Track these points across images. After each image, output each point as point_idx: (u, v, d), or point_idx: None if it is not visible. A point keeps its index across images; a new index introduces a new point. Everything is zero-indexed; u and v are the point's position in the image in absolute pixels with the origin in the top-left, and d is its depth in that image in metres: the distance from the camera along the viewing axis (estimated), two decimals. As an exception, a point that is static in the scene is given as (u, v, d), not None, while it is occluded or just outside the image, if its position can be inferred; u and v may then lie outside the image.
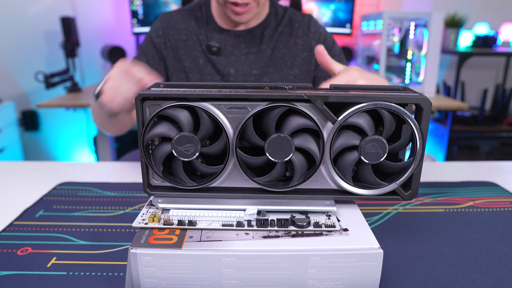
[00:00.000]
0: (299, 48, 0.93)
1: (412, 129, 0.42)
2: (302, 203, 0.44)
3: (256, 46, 0.92)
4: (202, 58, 0.91)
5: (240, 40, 0.92)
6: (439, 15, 1.82)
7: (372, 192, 0.45)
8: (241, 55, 0.92)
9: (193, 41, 0.92)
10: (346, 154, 0.43)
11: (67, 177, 0.77)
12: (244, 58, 0.92)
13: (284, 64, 0.93)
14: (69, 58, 2.06)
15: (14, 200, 0.67)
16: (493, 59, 2.68)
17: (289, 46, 0.93)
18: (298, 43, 0.93)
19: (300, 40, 0.93)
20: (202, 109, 0.42)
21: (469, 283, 0.44)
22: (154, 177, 0.46)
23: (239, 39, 0.92)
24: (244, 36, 0.92)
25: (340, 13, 2.28)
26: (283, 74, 0.93)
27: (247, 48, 0.92)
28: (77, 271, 0.46)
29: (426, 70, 1.88)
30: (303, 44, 0.93)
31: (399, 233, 0.55)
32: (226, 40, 0.91)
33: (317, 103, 0.41)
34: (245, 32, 0.91)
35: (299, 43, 0.93)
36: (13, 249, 0.51)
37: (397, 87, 0.45)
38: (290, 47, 0.93)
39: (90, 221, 0.59)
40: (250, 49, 0.92)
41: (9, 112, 2.24)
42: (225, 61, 0.91)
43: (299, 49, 0.93)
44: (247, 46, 0.92)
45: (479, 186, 0.72)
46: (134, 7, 2.18)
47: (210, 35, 0.91)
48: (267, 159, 0.42)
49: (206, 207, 0.43)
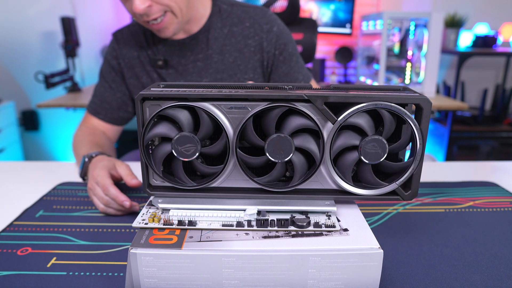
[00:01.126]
0: (251, 50, 0.85)
1: (412, 129, 0.42)
2: (302, 203, 0.44)
3: (203, 52, 0.85)
4: (155, 73, 0.88)
5: (185, 48, 0.85)
6: (439, 15, 1.82)
7: (372, 192, 0.45)
8: (188, 63, 0.86)
9: (144, 56, 0.87)
10: (346, 154, 0.43)
11: (67, 177, 0.77)
12: (192, 67, 0.86)
13: (237, 67, 0.86)
14: (69, 58, 2.06)
15: (14, 200, 0.67)
16: (493, 59, 2.68)
17: (240, 49, 0.85)
18: (250, 45, 0.85)
19: (252, 41, 0.85)
20: (202, 109, 0.42)
21: (469, 283, 0.44)
22: (154, 177, 0.46)
23: (184, 47, 0.85)
24: (188, 43, 0.85)
25: (340, 13, 2.29)
26: (237, 78, 0.86)
27: (193, 56, 0.85)
28: (77, 271, 0.46)
29: (426, 70, 1.88)
30: (255, 45, 0.86)
31: (399, 233, 0.55)
32: (171, 51, 0.86)
33: (317, 103, 0.41)
34: (189, 39, 0.85)
35: (251, 44, 0.85)
36: (13, 249, 0.51)
37: (397, 87, 0.45)
38: (242, 49, 0.85)
39: (90, 221, 0.59)
40: (197, 55, 0.85)
41: (9, 112, 2.24)
42: (174, 73, 0.87)
43: (252, 51, 0.86)
44: (193, 54, 0.85)
45: (479, 186, 0.72)
46: (134, 7, 2.18)
47: (156, 48, 0.87)
48: (267, 159, 0.42)
49: (206, 207, 0.43)
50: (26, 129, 2.50)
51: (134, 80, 0.89)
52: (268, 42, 0.85)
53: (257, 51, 0.86)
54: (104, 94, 0.90)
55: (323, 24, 2.31)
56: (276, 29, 0.86)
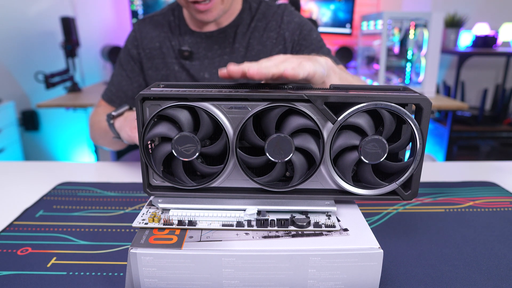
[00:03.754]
0: (273, 42, 0.88)
1: (412, 129, 0.42)
2: (302, 203, 0.44)
3: (230, 46, 0.88)
4: (177, 65, 0.89)
5: (212, 41, 0.88)
6: (439, 15, 1.82)
7: (372, 192, 0.45)
8: (214, 57, 0.88)
9: (167, 47, 0.88)
10: (346, 154, 0.43)
11: (67, 177, 0.77)
12: (218, 61, 0.88)
13: None
14: (69, 58, 2.06)
15: (14, 200, 0.67)
16: (493, 59, 2.68)
17: (263, 42, 0.88)
18: (271, 37, 0.88)
19: (273, 33, 0.88)
20: (202, 109, 0.42)
21: (469, 283, 0.44)
22: (154, 177, 0.46)
23: (211, 40, 0.88)
24: (216, 36, 0.88)
25: (340, 13, 2.29)
26: None
27: (220, 49, 0.88)
28: (77, 271, 0.46)
29: (426, 70, 1.88)
30: (276, 37, 0.88)
31: (399, 233, 0.55)
32: (198, 43, 0.88)
33: (317, 103, 0.41)
34: (217, 32, 0.87)
35: (273, 36, 0.88)
36: (13, 249, 0.51)
37: (397, 87, 0.45)
38: (264, 42, 0.88)
39: (90, 221, 0.59)
40: (224, 49, 0.88)
41: (9, 112, 2.24)
42: (198, 65, 0.88)
43: (273, 42, 0.88)
44: (220, 47, 0.88)
45: (479, 186, 0.72)
46: (134, 7, 2.18)
47: (182, 39, 0.88)
48: (267, 159, 0.42)
49: (206, 207, 0.43)
50: (26, 129, 2.50)
51: (152, 72, 0.90)
52: (290, 32, 0.88)
53: (279, 42, 0.88)
54: (121, 83, 0.91)
55: (323, 24, 2.31)
56: (298, 19, 0.89)
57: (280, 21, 0.89)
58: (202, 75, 0.88)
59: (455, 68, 2.37)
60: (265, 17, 0.90)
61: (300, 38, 0.88)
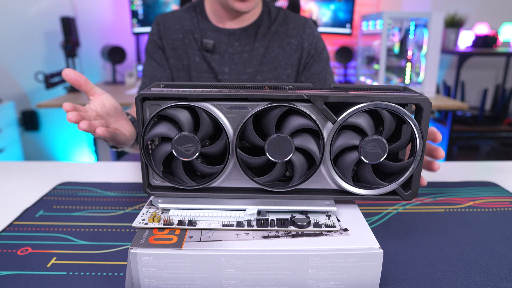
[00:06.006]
0: (293, 48, 0.93)
1: (412, 129, 0.42)
2: (302, 203, 0.44)
3: (250, 44, 0.92)
4: (198, 56, 0.92)
5: (234, 38, 0.92)
6: (439, 15, 1.82)
7: (372, 192, 0.45)
8: (235, 53, 0.92)
9: (189, 39, 0.92)
10: (346, 154, 0.43)
11: (67, 177, 0.77)
12: (238, 57, 0.92)
13: (278, 63, 0.93)
14: (69, 58, 2.06)
15: (14, 200, 0.67)
16: (493, 59, 2.68)
17: (283, 46, 0.93)
18: (292, 43, 0.93)
19: (294, 40, 0.93)
20: (202, 109, 0.42)
21: (469, 283, 0.44)
22: (154, 177, 0.46)
23: (233, 37, 0.91)
24: (238, 34, 0.91)
25: (340, 13, 2.28)
26: (277, 73, 0.93)
27: (241, 47, 0.92)
28: (77, 271, 0.46)
29: (426, 70, 1.88)
30: (297, 44, 0.93)
31: (399, 233, 0.55)
32: (220, 39, 0.91)
33: (317, 103, 0.41)
34: (239, 30, 0.91)
35: (293, 43, 0.93)
36: (13, 249, 0.51)
37: (397, 87, 0.45)
38: (284, 46, 0.93)
39: (90, 221, 0.59)
40: (244, 47, 0.92)
41: (9, 112, 2.24)
42: (219, 59, 0.91)
43: (293, 49, 0.93)
44: (241, 45, 0.92)
45: (479, 186, 0.72)
46: (134, 7, 2.18)
47: (205, 33, 0.92)
48: (267, 159, 0.42)
49: (206, 207, 0.43)
50: (26, 129, 2.50)
51: (175, 61, 0.93)
52: (308, 43, 0.94)
53: (298, 50, 0.94)
54: (154, 73, 0.93)
55: (323, 24, 2.31)
56: (317, 34, 0.96)
57: (302, 31, 0.94)
58: (222, 69, 0.92)
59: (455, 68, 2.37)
60: (286, 23, 0.94)
61: (314, 54, 0.94)
